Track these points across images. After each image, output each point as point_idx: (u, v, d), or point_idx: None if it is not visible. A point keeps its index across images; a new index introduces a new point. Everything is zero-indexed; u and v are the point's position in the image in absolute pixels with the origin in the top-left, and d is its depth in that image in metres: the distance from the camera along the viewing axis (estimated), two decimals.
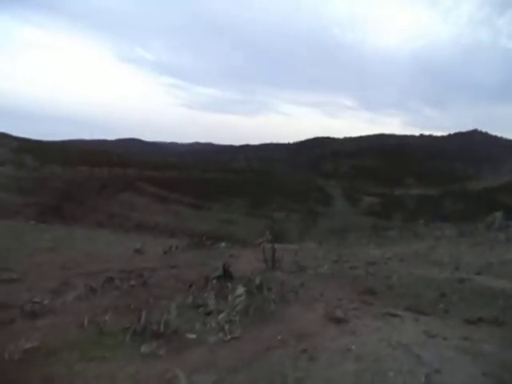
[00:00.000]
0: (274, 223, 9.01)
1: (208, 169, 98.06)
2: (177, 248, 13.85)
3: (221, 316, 4.29)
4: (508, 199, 68.46)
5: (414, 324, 4.09)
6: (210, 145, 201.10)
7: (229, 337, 3.94)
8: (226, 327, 4.06)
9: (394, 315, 4.39)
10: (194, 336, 3.95)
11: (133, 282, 6.27)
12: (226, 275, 5.96)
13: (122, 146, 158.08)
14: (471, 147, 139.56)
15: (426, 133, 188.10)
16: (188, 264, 9.19)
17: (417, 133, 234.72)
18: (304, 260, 9.67)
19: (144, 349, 3.68)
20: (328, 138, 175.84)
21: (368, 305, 4.92)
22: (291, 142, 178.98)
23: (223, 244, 18.01)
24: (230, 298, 4.80)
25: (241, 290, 4.87)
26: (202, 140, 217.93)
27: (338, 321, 4.10)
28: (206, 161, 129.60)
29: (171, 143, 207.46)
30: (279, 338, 3.88)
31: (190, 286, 5.80)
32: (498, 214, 18.72)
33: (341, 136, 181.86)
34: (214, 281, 5.70)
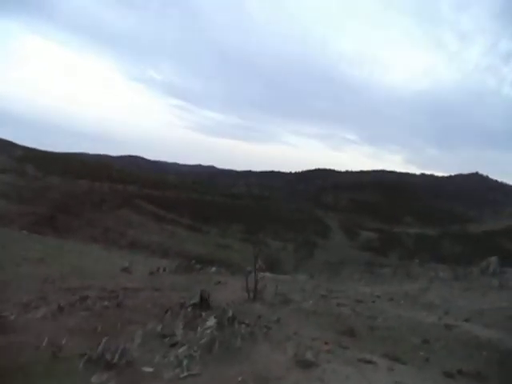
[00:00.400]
0: (257, 253, 8.70)
1: (208, 191, 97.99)
2: (164, 270, 13.56)
3: (181, 350, 3.98)
4: (508, 243, 67.94)
5: (388, 374, 3.81)
6: (212, 168, 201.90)
7: (186, 374, 3.64)
8: (185, 363, 3.76)
9: (369, 362, 4.09)
10: (150, 369, 3.67)
11: (106, 303, 5.98)
12: (203, 304, 5.67)
13: (124, 163, 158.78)
14: (472, 189, 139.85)
15: (427, 172, 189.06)
16: (172, 287, 8.93)
17: (418, 171, 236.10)
18: (291, 292, 9.38)
19: (94, 379, 3.42)
20: (329, 170, 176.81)
21: (343, 348, 4.60)
22: (293, 171, 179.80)
23: (214, 269, 17.69)
24: (199, 329, 4.51)
25: (212, 321, 4.58)
26: (205, 163, 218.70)
27: (307, 364, 3.78)
28: (207, 183, 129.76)
29: (173, 163, 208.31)
30: (239, 379, 3.58)
31: (166, 311, 5.54)
32: (493, 259, 18.40)
33: (342, 169, 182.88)
34: (189, 309, 5.40)
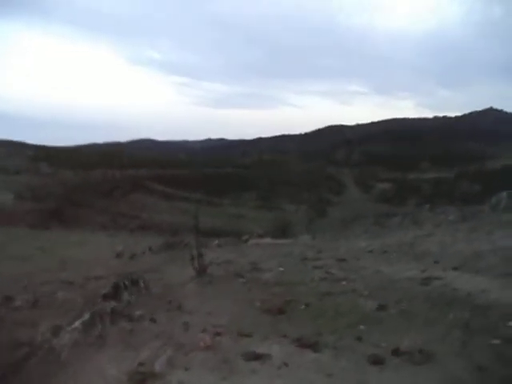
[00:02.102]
0: (196, 214, 8.00)
1: (218, 165, 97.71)
2: (150, 250, 13.16)
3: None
4: None
5: (276, 373, 3.01)
6: (222, 140, 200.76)
7: None
8: None
9: (257, 356, 3.21)
10: None
11: (19, 303, 5.35)
12: (129, 290, 5.06)
13: (134, 147, 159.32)
14: (487, 125, 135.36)
15: (440, 114, 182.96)
16: (143, 270, 8.40)
17: (430, 114, 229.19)
18: (270, 259, 8.77)
19: None
20: (340, 125, 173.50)
21: (242, 336, 3.72)
22: (303, 132, 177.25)
23: (216, 242, 17.33)
24: (67, 328, 3.82)
25: (85, 318, 3.85)
26: (214, 136, 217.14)
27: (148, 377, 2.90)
28: (218, 157, 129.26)
29: (183, 141, 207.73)
30: None
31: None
32: (504, 194, 17.38)
33: (353, 123, 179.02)
34: (99, 299, 4.77)
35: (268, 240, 17.76)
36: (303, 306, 4.64)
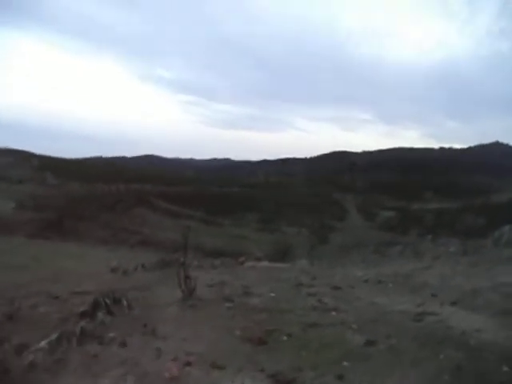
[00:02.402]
0: (186, 236, 7.82)
1: (223, 184, 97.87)
2: (143, 266, 12.94)
3: None
4: None
5: None
6: (227, 161, 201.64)
7: None
8: None
9: None
10: None
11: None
12: (96, 310, 4.81)
13: (139, 163, 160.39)
14: (493, 159, 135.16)
15: (446, 145, 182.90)
16: (132, 287, 8.21)
17: (436, 145, 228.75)
18: (263, 284, 8.54)
19: None
20: (345, 152, 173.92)
21: (215, 368, 3.45)
22: (308, 156, 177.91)
23: (217, 262, 17.15)
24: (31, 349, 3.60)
25: (52, 338, 3.64)
26: (220, 156, 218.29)
27: None
28: (223, 176, 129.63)
29: (189, 159, 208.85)
30: None
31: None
32: (506, 228, 17.08)
33: (358, 150, 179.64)
34: (75, 318, 4.56)
35: (265, 263, 17.50)
36: (285, 337, 4.42)
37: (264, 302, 6.27)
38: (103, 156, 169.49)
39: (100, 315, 4.60)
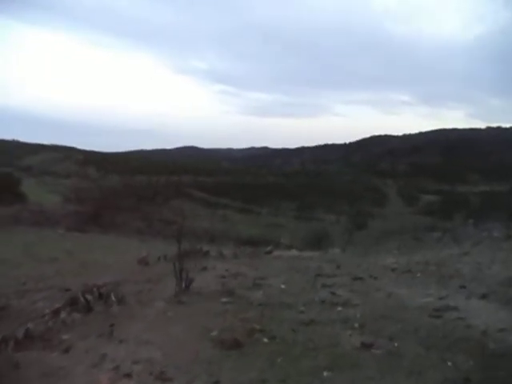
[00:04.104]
0: (181, 225, 7.45)
1: (261, 173, 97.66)
2: (165, 258, 12.86)
3: None
4: None
5: None
6: (265, 149, 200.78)
7: None
8: None
9: None
10: None
11: None
12: (76, 305, 4.54)
13: (179, 154, 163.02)
14: None
15: (493, 125, 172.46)
16: (146, 279, 8.02)
17: (483, 125, 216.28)
18: (276, 275, 8.10)
19: None
20: (385, 135, 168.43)
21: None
22: (347, 142, 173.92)
23: (246, 251, 17.05)
24: None
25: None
26: (258, 144, 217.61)
27: None
28: (261, 165, 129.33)
29: (227, 149, 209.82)
30: None
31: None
32: None
33: (399, 133, 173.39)
34: (62, 312, 4.30)
35: (293, 252, 17.07)
36: (267, 339, 3.95)
37: (268, 296, 5.85)
38: (145, 149, 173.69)
39: (63, 314, 4.34)
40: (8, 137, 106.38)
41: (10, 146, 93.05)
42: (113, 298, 4.90)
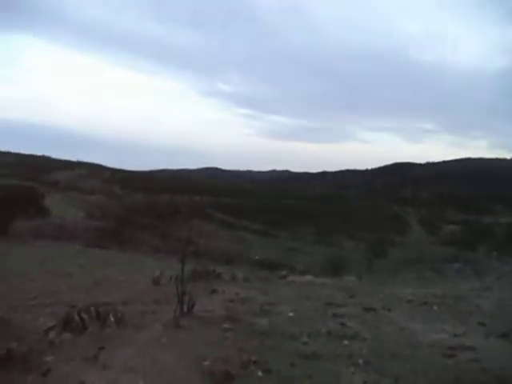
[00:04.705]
0: (184, 251, 7.31)
1: (281, 196, 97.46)
2: (177, 278, 12.74)
3: None
4: None
5: None
6: (286, 172, 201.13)
7: None
8: None
9: None
10: None
11: None
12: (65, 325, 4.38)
13: (201, 175, 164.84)
14: None
15: None
16: (153, 299, 7.90)
17: (508, 155, 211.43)
18: (285, 302, 7.86)
19: None
20: (408, 163, 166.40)
21: None
22: (369, 168, 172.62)
23: (260, 274, 16.90)
24: None
25: None
26: (279, 168, 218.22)
27: None
28: (282, 188, 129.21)
29: (248, 171, 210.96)
30: None
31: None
32: None
33: (422, 161, 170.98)
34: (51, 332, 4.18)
35: (308, 278, 16.71)
36: (262, 373, 3.73)
37: (273, 324, 5.64)
38: (168, 168, 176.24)
39: (52, 334, 4.23)
40: (38, 152, 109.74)
41: (39, 162, 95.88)
42: (111, 319, 4.77)
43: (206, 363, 3.98)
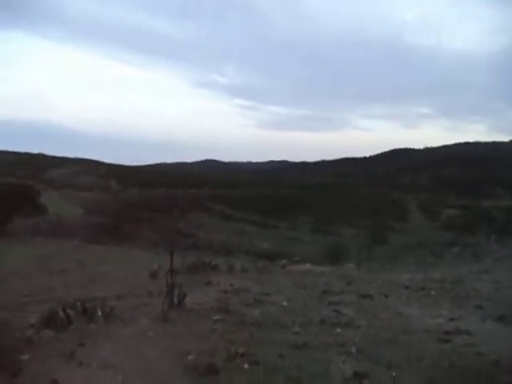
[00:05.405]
0: (171, 239, 7.18)
1: (279, 186, 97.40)
2: (173, 270, 12.65)
3: None
4: None
5: None
6: (284, 162, 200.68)
7: None
8: None
9: None
10: None
11: None
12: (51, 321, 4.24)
13: (198, 167, 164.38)
14: None
15: None
16: (148, 292, 7.80)
17: (506, 138, 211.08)
18: (281, 291, 7.75)
19: None
20: (406, 149, 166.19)
21: None
22: (367, 155, 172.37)
23: (260, 264, 16.90)
24: None
25: None
26: (277, 158, 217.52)
27: None
28: (280, 178, 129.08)
29: (246, 163, 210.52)
30: None
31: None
32: None
33: (420, 147, 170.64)
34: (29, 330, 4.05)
35: (306, 266, 16.65)
36: (248, 365, 3.61)
37: (265, 314, 5.52)
38: (165, 162, 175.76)
39: (31, 331, 4.10)
40: (34, 150, 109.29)
41: (34, 159, 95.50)
42: (99, 314, 4.65)
43: (191, 357, 3.85)
